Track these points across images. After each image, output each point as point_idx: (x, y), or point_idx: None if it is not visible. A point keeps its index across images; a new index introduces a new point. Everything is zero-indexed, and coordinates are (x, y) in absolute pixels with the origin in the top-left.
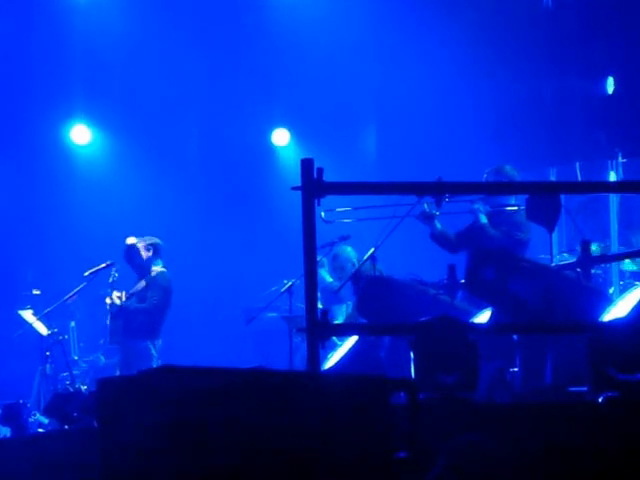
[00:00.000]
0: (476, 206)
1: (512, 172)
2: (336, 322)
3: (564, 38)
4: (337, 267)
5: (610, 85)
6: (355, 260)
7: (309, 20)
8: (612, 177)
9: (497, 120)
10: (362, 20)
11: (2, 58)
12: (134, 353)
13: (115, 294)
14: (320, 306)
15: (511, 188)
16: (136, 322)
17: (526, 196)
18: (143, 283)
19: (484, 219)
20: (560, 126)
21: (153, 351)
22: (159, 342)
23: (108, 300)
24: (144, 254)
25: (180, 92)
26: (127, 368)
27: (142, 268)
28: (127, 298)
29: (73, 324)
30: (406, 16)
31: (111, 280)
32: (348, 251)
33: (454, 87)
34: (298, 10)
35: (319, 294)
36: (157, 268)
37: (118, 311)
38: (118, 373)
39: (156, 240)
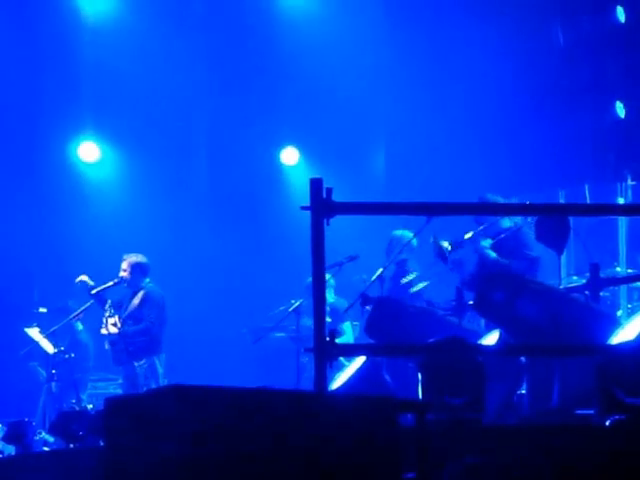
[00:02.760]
0: (482, 244)
1: (494, 198)
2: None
3: (575, 63)
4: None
5: (620, 109)
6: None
7: (319, 39)
8: (621, 200)
9: (507, 142)
10: (371, 40)
11: (11, 75)
12: (140, 372)
13: (110, 321)
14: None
15: (521, 210)
16: (137, 343)
17: (521, 216)
18: (136, 302)
19: (492, 253)
20: (570, 148)
21: (158, 367)
22: (163, 356)
23: (104, 331)
24: (128, 275)
25: (189, 110)
26: (133, 387)
27: (130, 289)
28: (122, 323)
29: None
30: (415, 37)
31: (107, 314)
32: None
33: (463, 107)
34: (308, 30)
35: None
36: (147, 285)
37: (117, 338)
38: (122, 392)
39: (139, 259)
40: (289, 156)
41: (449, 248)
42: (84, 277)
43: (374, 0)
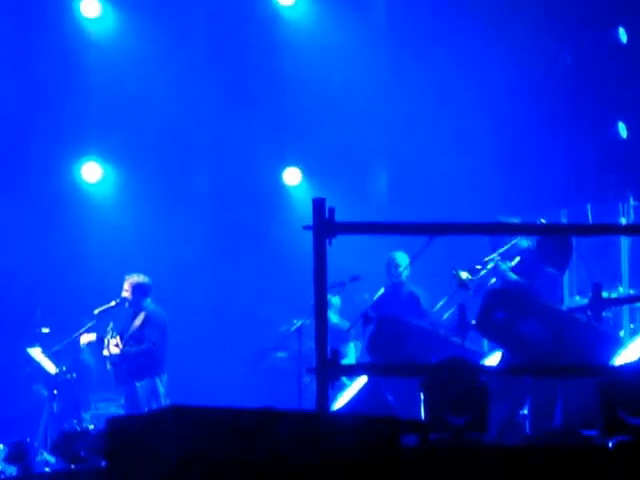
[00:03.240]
0: (502, 268)
1: (508, 219)
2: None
3: (579, 85)
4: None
5: (622, 129)
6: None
7: (321, 60)
8: (623, 220)
9: (509, 161)
10: (373, 60)
11: (14, 94)
12: (141, 392)
13: (112, 342)
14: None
15: (523, 230)
16: (139, 363)
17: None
18: (137, 323)
19: (513, 276)
20: (572, 168)
21: (160, 387)
22: (165, 377)
23: (106, 352)
24: (130, 295)
25: (192, 130)
26: (134, 407)
27: (132, 309)
28: (124, 343)
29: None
30: (418, 57)
31: (109, 336)
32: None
33: (466, 127)
34: (311, 51)
35: None
36: (148, 305)
37: (119, 359)
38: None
39: (141, 279)
40: (291, 176)
41: (470, 277)
42: (89, 337)
43: (376, 22)
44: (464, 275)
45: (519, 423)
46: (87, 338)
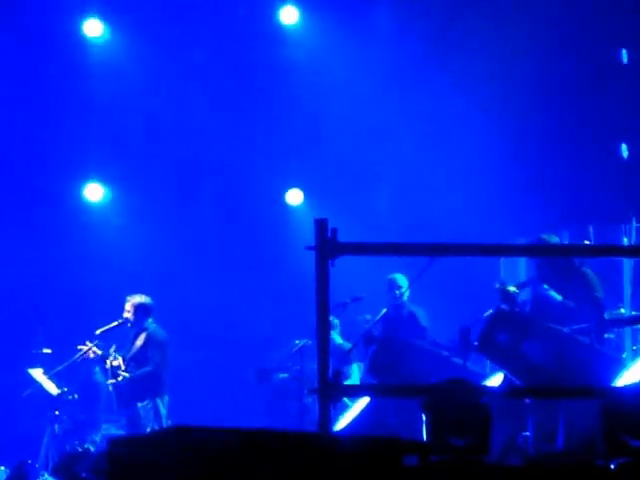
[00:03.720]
0: (544, 286)
1: (550, 238)
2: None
3: (579, 103)
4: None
5: (624, 149)
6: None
7: (323, 81)
8: (625, 241)
9: (510, 183)
10: (374, 82)
11: (16, 115)
12: (143, 413)
13: (114, 363)
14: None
15: (526, 251)
16: (142, 385)
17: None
18: (138, 344)
19: (558, 296)
20: (575, 189)
21: (162, 408)
22: (166, 398)
23: (112, 380)
24: (132, 316)
25: (194, 151)
26: (136, 428)
27: (134, 329)
28: (126, 364)
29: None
30: (418, 79)
31: (111, 358)
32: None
33: (467, 148)
34: (312, 72)
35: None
36: (150, 325)
37: (123, 382)
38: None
39: (143, 300)
40: (294, 197)
41: (517, 291)
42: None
43: (379, 42)
44: (512, 288)
45: (521, 445)
46: (93, 351)
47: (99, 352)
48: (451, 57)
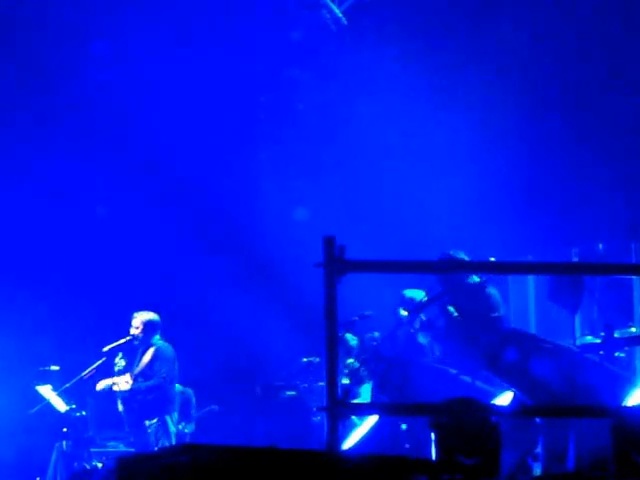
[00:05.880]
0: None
1: (456, 254)
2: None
3: (584, 120)
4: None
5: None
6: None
7: (327, 101)
8: (635, 259)
9: (520, 200)
10: (378, 101)
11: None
12: (151, 431)
13: (122, 379)
14: (347, 381)
15: (533, 268)
16: (150, 401)
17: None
18: (146, 359)
19: (455, 312)
20: (583, 207)
21: (171, 425)
22: (175, 415)
23: (116, 388)
24: (140, 333)
25: (202, 167)
26: (144, 445)
27: (141, 346)
28: (134, 380)
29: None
30: (420, 95)
31: (117, 369)
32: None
33: (474, 166)
34: (317, 90)
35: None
36: (157, 341)
37: (130, 396)
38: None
39: (150, 317)
40: (301, 214)
41: (407, 315)
42: (106, 382)
43: (379, 68)
44: (403, 312)
45: (531, 464)
46: (103, 384)
47: (109, 382)
48: (460, 75)
